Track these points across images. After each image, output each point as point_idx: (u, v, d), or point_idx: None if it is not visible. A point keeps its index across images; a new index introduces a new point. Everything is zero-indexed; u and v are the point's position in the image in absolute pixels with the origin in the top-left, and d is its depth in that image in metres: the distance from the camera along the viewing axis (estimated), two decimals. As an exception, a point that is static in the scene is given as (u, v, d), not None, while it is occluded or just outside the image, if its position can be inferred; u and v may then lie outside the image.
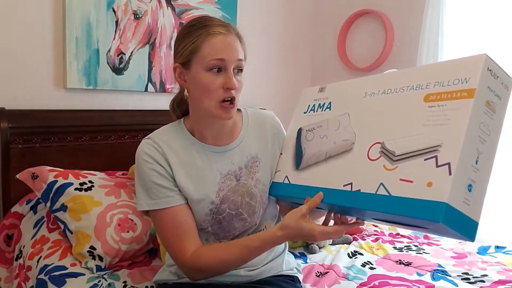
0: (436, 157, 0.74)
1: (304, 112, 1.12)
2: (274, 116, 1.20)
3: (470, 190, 0.73)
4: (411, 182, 0.76)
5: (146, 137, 1.08)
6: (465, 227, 0.74)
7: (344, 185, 0.89)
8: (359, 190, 0.85)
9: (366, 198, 0.83)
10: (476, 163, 0.74)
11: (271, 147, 1.14)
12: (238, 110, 1.16)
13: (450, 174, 0.71)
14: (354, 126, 0.94)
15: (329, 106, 1.04)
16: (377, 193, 0.81)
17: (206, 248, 1.01)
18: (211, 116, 1.03)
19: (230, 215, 1.07)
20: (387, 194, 0.79)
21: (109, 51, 1.88)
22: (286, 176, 1.07)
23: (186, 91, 1.06)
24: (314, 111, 1.09)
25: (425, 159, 0.75)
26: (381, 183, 0.81)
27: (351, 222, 0.94)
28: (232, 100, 1.00)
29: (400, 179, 0.78)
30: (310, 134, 1.06)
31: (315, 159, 1.00)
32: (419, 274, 1.39)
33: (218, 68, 0.97)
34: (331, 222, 0.97)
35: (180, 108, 1.14)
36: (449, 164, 0.72)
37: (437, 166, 0.73)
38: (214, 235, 1.09)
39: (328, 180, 0.94)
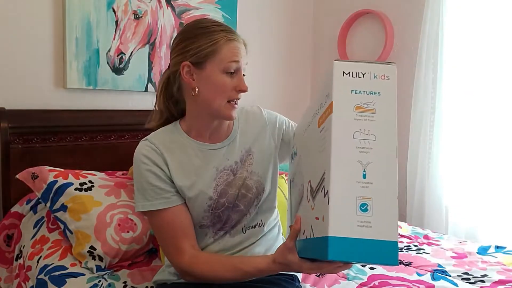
0: (323, 187, 0.67)
1: (290, 162, 1.10)
2: (261, 110, 1.21)
3: (366, 210, 0.63)
4: (318, 219, 0.69)
5: (144, 138, 1.10)
6: (376, 253, 0.62)
7: (302, 234, 0.81)
8: (306, 237, 0.77)
9: (307, 245, 0.76)
10: (365, 177, 0.64)
11: (262, 139, 1.16)
12: None
13: (328, 203, 0.63)
14: (303, 167, 0.86)
15: (295, 152, 1.00)
16: (310, 237, 0.73)
17: (203, 257, 1.03)
18: (217, 115, 1.06)
19: (228, 208, 1.09)
20: (312, 236, 0.72)
21: (109, 51, 1.88)
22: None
23: (195, 90, 1.04)
24: (292, 160, 1.05)
25: (321, 191, 0.69)
26: (311, 226, 0.73)
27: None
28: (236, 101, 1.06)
29: (315, 218, 0.71)
30: (291, 184, 1.03)
31: (295, 211, 0.93)
32: (419, 274, 1.39)
33: (233, 71, 1.03)
34: None
35: (177, 108, 1.15)
36: (327, 192, 0.64)
37: (324, 196, 0.66)
38: (212, 227, 1.11)
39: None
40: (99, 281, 1.25)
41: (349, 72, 0.68)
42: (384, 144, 0.66)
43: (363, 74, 0.69)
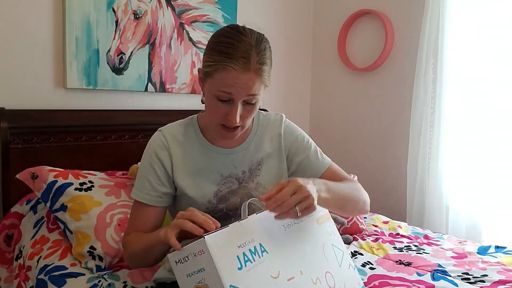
0: None
1: None
2: (283, 120, 1.17)
3: None
4: None
5: (160, 128, 1.11)
6: None
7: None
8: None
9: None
10: None
11: (278, 152, 1.13)
12: None
13: None
14: None
15: None
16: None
17: (131, 235, 1.05)
18: (212, 130, 1.05)
19: (228, 215, 1.08)
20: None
21: (109, 51, 1.88)
22: None
23: (203, 95, 1.05)
24: None
25: None
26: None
27: None
28: (235, 128, 0.99)
29: None
30: None
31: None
32: (419, 274, 1.39)
33: (225, 99, 0.96)
34: None
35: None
36: None
37: None
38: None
39: None
40: (99, 281, 1.25)
41: (179, 260, 0.78)
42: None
43: (187, 257, 0.77)
